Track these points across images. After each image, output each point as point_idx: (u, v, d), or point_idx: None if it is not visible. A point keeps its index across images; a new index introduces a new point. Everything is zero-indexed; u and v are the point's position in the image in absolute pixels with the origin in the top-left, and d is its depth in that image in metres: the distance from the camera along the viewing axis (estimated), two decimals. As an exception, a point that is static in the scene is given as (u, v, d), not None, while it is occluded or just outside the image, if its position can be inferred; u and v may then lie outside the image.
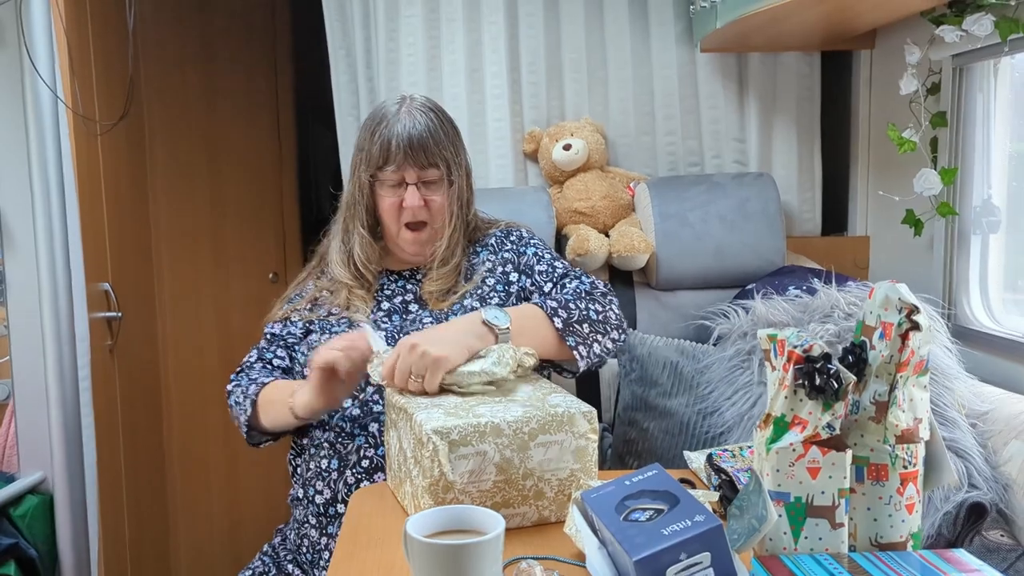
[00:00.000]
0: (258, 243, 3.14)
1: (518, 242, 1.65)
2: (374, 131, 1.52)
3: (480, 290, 1.55)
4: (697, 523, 0.94)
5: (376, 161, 1.51)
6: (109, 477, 2.18)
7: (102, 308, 2.22)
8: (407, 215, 1.53)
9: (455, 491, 1.10)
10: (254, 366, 1.57)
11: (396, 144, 1.49)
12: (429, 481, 1.10)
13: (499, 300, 1.55)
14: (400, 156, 1.49)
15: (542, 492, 1.15)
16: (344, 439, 1.46)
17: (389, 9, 2.21)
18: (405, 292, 1.58)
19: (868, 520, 0.96)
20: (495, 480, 1.12)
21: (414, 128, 1.50)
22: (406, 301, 1.57)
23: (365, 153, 1.53)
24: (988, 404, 1.50)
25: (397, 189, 1.53)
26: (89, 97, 2.09)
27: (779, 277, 1.95)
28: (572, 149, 2.15)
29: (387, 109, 1.55)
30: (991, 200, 1.80)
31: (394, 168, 1.51)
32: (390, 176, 1.52)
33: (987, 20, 1.55)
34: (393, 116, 1.52)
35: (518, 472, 1.13)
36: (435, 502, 1.09)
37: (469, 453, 1.10)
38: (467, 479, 1.11)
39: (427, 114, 1.54)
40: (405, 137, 1.49)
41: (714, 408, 1.69)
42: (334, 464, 1.46)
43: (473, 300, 1.53)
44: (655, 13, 2.23)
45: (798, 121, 2.26)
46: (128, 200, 2.54)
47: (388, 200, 1.54)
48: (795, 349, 0.94)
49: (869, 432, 0.96)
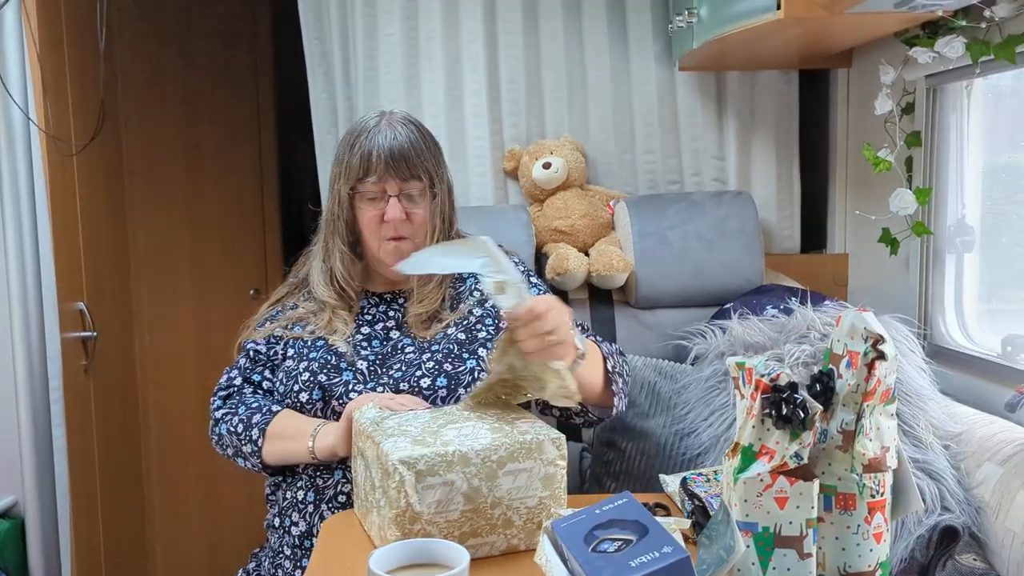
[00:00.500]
0: (239, 260, 3.13)
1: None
2: (353, 143, 1.49)
3: (467, 320, 1.52)
4: (665, 555, 0.93)
5: (356, 173, 1.47)
6: (83, 500, 2.15)
7: (77, 328, 2.20)
8: (388, 229, 1.49)
9: (422, 522, 1.09)
10: (243, 389, 1.52)
11: (377, 155, 1.46)
12: (395, 512, 1.08)
13: (487, 334, 1.51)
14: (381, 167, 1.46)
15: (511, 521, 1.14)
16: (323, 472, 1.42)
17: (368, 28, 2.20)
18: (387, 318, 1.55)
19: (836, 550, 0.96)
20: (463, 510, 1.11)
21: (395, 140, 1.48)
22: (387, 327, 1.53)
23: (344, 166, 1.49)
24: (961, 425, 1.50)
25: (377, 202, 1.49)
26: (64, 118, 2.08)
27: (757, 296, 1.96)
28: (552, 167, 2.15)
29: (366, 123, 1.52)
30: (965, 220, 1.81)
31: (375, 179, 1.47)
32: (371, 188, 1.48)
33: (958, 43, 1.56)
34: (374, 128, 1.49)
35: (486, 501, 1.12)
36: (402, 533, 1.08)
37: (436, 483, 1.09)
38: (434, 509, 1.09)
39: (408, 127, 1.51)
40: (386, 148, 1.46)
41: (691, 429, 1.69)
42: (310, 496, 1.42)
43: (458, 331, 1.50)
44: (634, 32, 2.23)
45: (777, 139, 2.27)
46: (105, 219, 2.52)
47: (368, 213, 1.49)
48: (762, 378, 0.94)
49: (836, 461, 0.96)
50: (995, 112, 1.78)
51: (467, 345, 1.48)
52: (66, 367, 2.03)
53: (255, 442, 1.43)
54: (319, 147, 2.30)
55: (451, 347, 1.47)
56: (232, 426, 1.46)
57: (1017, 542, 1.25)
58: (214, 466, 3.07)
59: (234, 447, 1.46)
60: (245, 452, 1.44)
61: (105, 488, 2.35)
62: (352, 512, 1.33)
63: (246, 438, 1.44)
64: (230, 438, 1.46)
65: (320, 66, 2.28)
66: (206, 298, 3.07)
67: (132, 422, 2.80)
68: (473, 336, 1.50)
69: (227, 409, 1.49)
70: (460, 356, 1.46)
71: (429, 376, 1.43)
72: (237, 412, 1.47)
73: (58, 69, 2.06)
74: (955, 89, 1.78)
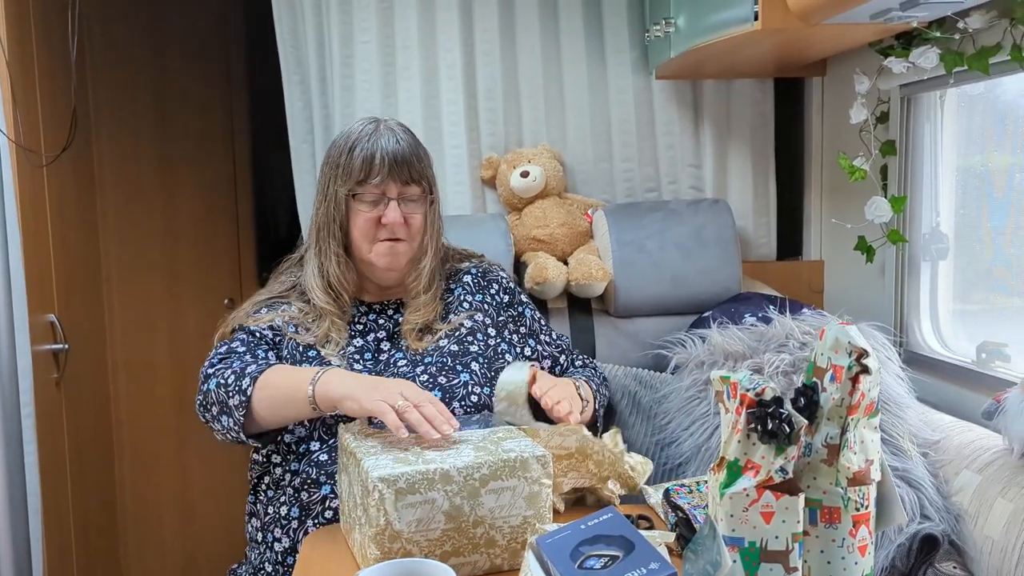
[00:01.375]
0: (213, 269, 3.09)
1: (509, 297, 1.65)
2: (353, 146, 1.47)
3: (458, 332, 1.52)
4: (652, 571, 0.93)
5: (357, 175, 1.46)
6: (55, 516, 2.11)
7: (48, 340, 2.15)
8: (384, 232, 1.48)
9: (402, 540, 1.08)
10: (243, 356, 1.43)
11: (380, 158, 1.46)
12: (375, 530, 1.07)
13: (478, 348, 1.51)
14: (384, 170, 1.46)
15: (494, 540, 1.13)
16: (310, 486, 1.39)
17: (343, 35, 2.19)
18: (377, 327, 1.53)
19: (822, 563, 0.96)
20: (444, 528, 1.10)
21: (398, 145, 1.48)
22: (378, 339, 1.52)
23: (343, 168, 1.47)
24: (939, 433, 1.51)
25: (375, 205, 1.48)
26: (34, 129, 2.04)
27: (735, 304, 1.96)
28: (530, 176, 2.14)
29: (363, 128, 1.51)
30: (939, 228, 1.83)
31: (377, 181, 1.46)
32: (371, 191, 1.47)
33: (932, 53, 1.58)
34: (373, 133, 1.49)
35: (468, 520, 1.11)
36: (381, 552, 1.07)
37: (417, 501, 1.08)
38: (414, 528, 1.08)
39: (407, 134, 1.53)
40: (390, 152, 1.46)
41: (672, 439, 1.69)
42: (295, 512, 1.39)
43: (451, 343, 1.50)
44: (611, 40, 2.24)
45: (753, 147, 2.28)
46: (76, 229, 2.48)
47: (365, 216, 1.47)
48: (747, 392, 0.94)
49: (821, 475, 0.96)
50: (968, 120, 1.81)
51: (460, 357, 1.48)
52: (37, 381, 1.99)
53: (244, 391, 1.32)
54: (295, 156, 2.28)
55: (444, 360, 1.47)
56: (223, 378, 1.36)
57: (996, 549, 1.27)
58: (189, 480, 3.04)
59: (220, 403, 1.35)
60: (231, 405, 1.33)
61: (77, 504, 2.31)
62: (335, 527, 1.31)
63: (235, 389, 1.34)
64: (217, 392, 1.35)
65: (296, 74, 2.26)
66: (180, 308, 3.02)
67: (105, 436, 2.75)
68: (465, 349, 1.50)
69: (221, 365, 1.40)
70: (454, 368, 1.46)
71: (424, 389, 1.42)
72: (231, 366, 1.39)
73: (27, 79, 2.03)
74: (929, 99, 1.80)
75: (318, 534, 1.32)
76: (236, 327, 1.50)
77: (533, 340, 1.64)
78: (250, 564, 1.48)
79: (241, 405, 1.33)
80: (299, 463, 1.42)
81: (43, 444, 2.00)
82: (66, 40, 2.03)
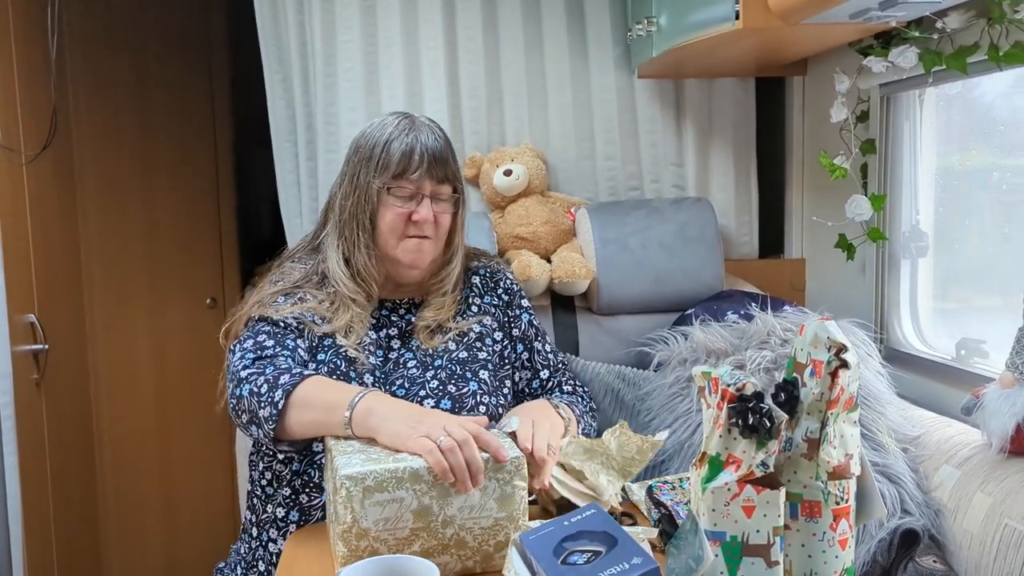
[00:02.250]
0: (195, 268, 3.07)
1: (509, 298, 1.62)
2: (390, 140, 1.44)
3: (467, 337, 1.51)
4: (635, 565, 0.94)
5: (394, 168, 1.43)
6: (36, 518, 2.09)
7: (28, 341, 2.14)
8: (414, 229, 1.45)
9: (369, 539, 1.08)
10: (275, 354, 1.35)
11: (420, 153, 1.43)
12: (342, 528, 1.08)
13: (486, 355, 1.50)
14: (424, 166, 1.43)
15: (464, 541, 1.12)
16: (311, 490, 1.37)
17: (326, 34, 2.18)
18: (390, 325, 1.51)
19: (803, 557, 0.97)
20: (413, 527, 1.10)
21: (436, 142, 1.45)
22: (390, 336, 1.50)
23: (378, 161, 1.43)
24: (919, 428, 1.53)
25: (408, 201, 1.45)
26: (13, 127, 2.03)
27: (718, 302, 1.97)
28: (513, 175, 2.15)
29: (399, 122, 1.47)
30: (919, 226, 1.85)
31: (415, 177, 1.43)
32: (407, 185, 1.44)
33: (911, 53, 1.60)
34: (411, 128, 1.45)
35: (437, 520, 1.10)
36: (347, 549, 1.07)
37: (384, 500, 1.08)
38: (382, 527, 1.08)
39: (441, 132, 1.50)
40: (429, 148, 1.44)
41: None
42: (293, 516, 1.37)
43: (460, 349, 1.49)
44: (593, 39, 2.24)
45: (734, 145, 2.29)
46: (56, 229, 2.46)
47: (397, 210, 1.44)
48: (728, 388, 0.95)
49: (802, 469, 0.97)
50: (947, 119, 1.83)
51: (469, 364, 1.47)
52: (17, 382, 1.98)
53: (275, 404, 1.24)
54: (277, 154, 2.27)
55: (453, 367, 1.45)
56: (256, 386, 1.27)
57: (975, 543, 1.28)
58: (171, 481, 3.02)
59: (250, 412, 1.27)
60: (262, 417, 1.25)
61: (58, 505, 2.29)
62: (321, 526, 1.31)
63: (267, 400, 1.25)
64: (250, 400, 1.27)
65: (278, 72, 2.25)
66: (162, 308, 3.01)
67: (86, 437, 2.73)
68: (474, 356, 1.49)
69: (255, 369, 1.31)
70: (464, 376, 1.45)
71: (433, 397, 1.41)
72: (264, 372, 1.29)
73: (6, 76, 2.01)
74: (908, 97, 1.82)
75: (302, 533, 1.32)
76: (256, 317, 1.42)
77: (521, 345, 1.61)
78: (240, 557, 1.45)
79: (271, 418, 1.24)
80: (300, 463, 1.39)
81: (23, 446, 1.98)
82: (45, 37, 2.01)
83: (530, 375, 1.60)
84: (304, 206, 2.25)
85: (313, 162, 2.24)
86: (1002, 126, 1.70)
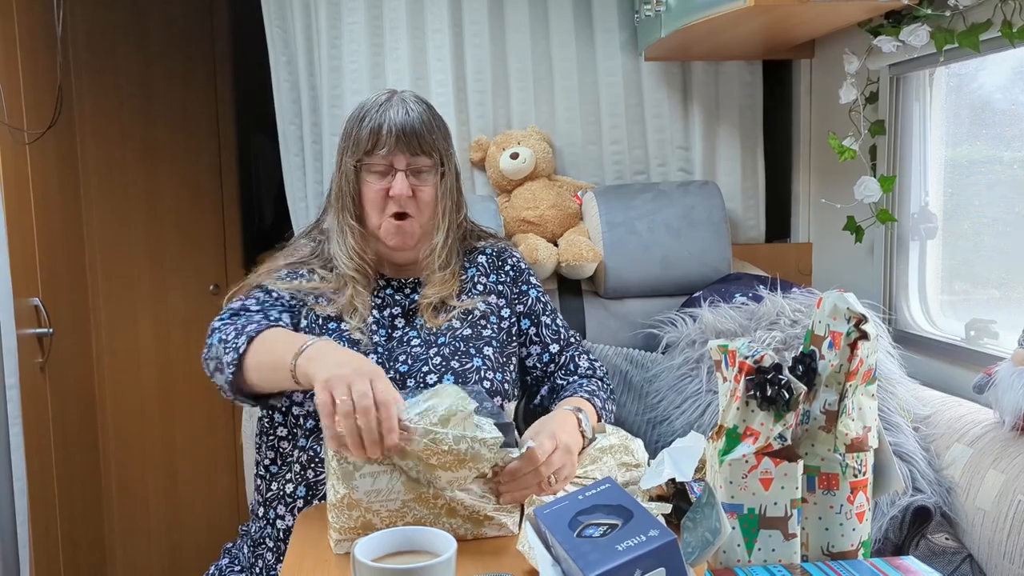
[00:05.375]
0: (198, 253, 3.06)
1: (515, 275, 1.61)
2: (363, 117, 1.45)
3: (471, 315, 1.50)
4: (651, 538, 0.93)
5: (364, 145, 1.43)
6: (40, 500, 2.09)
7: (32, 324, 2.13)
8: (392, 205, 1.44)
9: (361, 509, 1.09)
10: (254, 315, 1.37)
11: (388, 128, 1.42)
12: (335, 499, 1.09)
13: (491, 332, 1.49)
14: (392, 140, 1.42)
15: (454, 510, 1.13)
16: (317, 465, 1.36)
17: (331, 17, 2.17)
18: (394, 304, 1.51)
19: (820, 530, 0.96)
20: (404, 499, 1.11)
21: (407, 116, 1.44)
22: (393, 315, 1.49)
23: (352, 139, 1.45)
24: (929, 408, 1.52)
25: (384, 176, 1.45)
26: (16, 106, 2.01)
27: (725, 284, 1.97)
28: (519, 158, 2.14)
29: (376, 99, 1.48)
30: (928, 207, 1.85)
31: (384, 152, 1.43)
32: (378, 161, 1.44)
33: (923, 31, 1.59)
34: (385, 103, 1.45)
35: (428, 491, 1.11)
36: (340, 520, 1.09)
37: (375, 471, 1.09)
38: (373, 498, 1.09)
39: (420, 104, 1.48)
40: (398, 123, 1.43)
41: (664, 417, 1.69)
42: (300, 491, 1.37)
43: (464, 327, 1.48)
44: (600, 22, 2.23)
45: (741, 129, 2.28)
46: (59, 211, 2.45)
47: (374, 187, 1.44)
48: (746, 360, 0.94)
49: (819, 441, 0.96)
50: (957, 100, 1.82)
51: (473, 341, 1.46)
52: (22, 365, 1.97)
53: (238, 349, 1.26)
54: (282, 138, 2.26)
55: (457, 344, 1.45)
56: (225, 334, 1.31)
57: (987, 520, 1.28)
58: (175, 465, 3.02)
59: (216, 359, 1.29)
60: (225, 362, 1.27)
61: (63, 488, 2.29)
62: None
63: (232, 346, 1.27)
64: (218, 347, 1.29)
65: (283, 55, 2.23)
66: (165, 293, 3.00)
67: (89, 420, 2.73)
68: (479, 333, 1.48)
69: (229, 321, 1.35)
70: (467, 352, 1.44)
71: (436, 373, 1.41)
72: (236, 324, 1.33)
73: (10, 55, 1.99)
74: (918, 78, 1.81)
75: (312, 511, 1.31)
76: (255, 284, 1.44)
77: (528, 320, 1.60)
78: (249, 537, 1.45)
79: (232, 363, 1.26)
80: (307, 440, 1.39)
81: (28, 429, 1.97)
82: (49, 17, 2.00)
83: (539, 349, 1.59)
84: (309, 189, 2.25)
85: (318, 145, 2.23)
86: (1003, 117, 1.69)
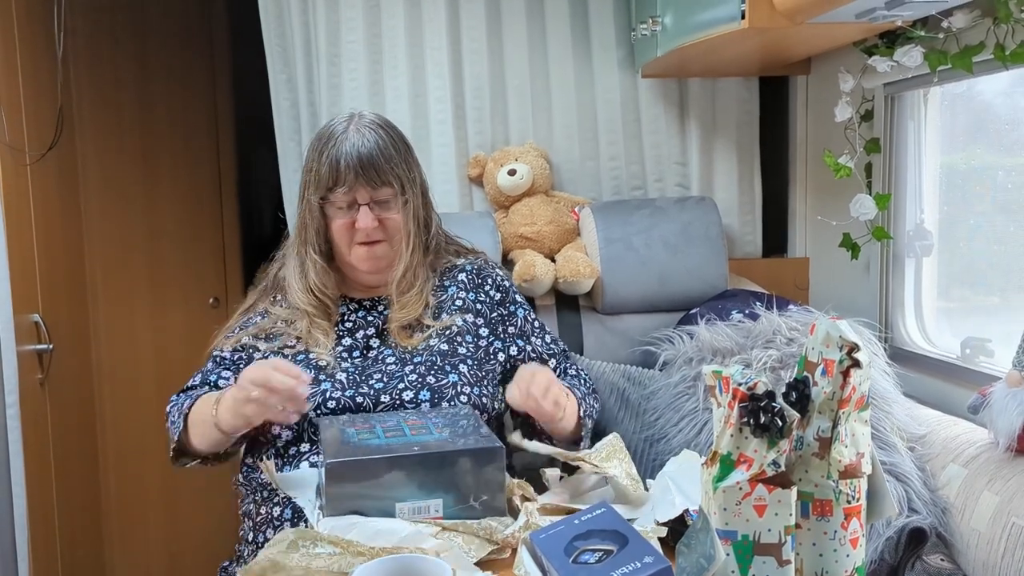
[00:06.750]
0: (198, 268, 3.07)
1: (501, 296, 1.62)
2: (322, 151, 1.46)
3: (448, 332, 1.51)
4: (647, 564, 0.94)
5: (325, 182, 1.44)
6: (40, 516, 2.09)
7: (32, 340, 2.14)
8: (360, 236, 1.47)
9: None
10: (197, 388, 1.48)
11: (345, 163, 1.43)
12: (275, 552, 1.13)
13: (467, 351, 1.50)
14: (351, 176, 1.43)
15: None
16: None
17: (330, 35, 2.18)
18: (367, 324, 1.52)
19: (814, 556, 0.97)
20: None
21: (363, 146, 1.44)
22: (367, 335, 1.51)
23: (313, 174, 1.46)
24: (925, 427, 1.53)
25: (348, 210, 1.46)
26: (17, 126, 2.02)
27: (722, 301, 1.98)
28: (517, 174, 2.15)
29: (334, 127, 1.48)
30: (923, 224, 1.85)
31: (345, 189, 1.44)
32: (340, 197, 1.45)
33: (917, 52, 1.60)
34: (341, 134, 1.46)
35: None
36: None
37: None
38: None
39: (376, 131, 1.48)
40: (355, 156, 1.43)
41: (661, 435, 1.70)
42: (287, 514, 1.37)
43: (440, 342, 1.49)
44: (597, 39, 2.25)
45: (738, 145, 2.30)
46: (60, 229, 2.46)
47: (339, 221, 1.47)
48: (740, 387, 0.95)
49: (813, 468, 0.97)
50: (951, 118, 1.83)
51: (449, 358, 1.47)
52: (22, 381, 1.98)
53: (177, 424, 1.40)
54: (282, 154, 2.27)
55: (433, 359, 1.46)
56: (173, 417, 1.44)
57: (982, 542, 1.28)
58: (174, 481, 3.01)
59: (169, 437, 1.43)
60: (173, 439, 1.42)
61: (62, 504, 2.29)
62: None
63: (176, 428, 1.41)
64: (171, 430, 1.43)
65: (282, 72, 2.25)
66: (164, 308, 3.00)
67: (89, 436, 2.73)
68: (454, 349, 1.48)
69: (174, 403, 1.47)
70: (443, 369, 1.45)
71: (412, 389, 1.42)
72: (178, 403, 1.45)
73: (10, 76, 2.01)
74: (913, 97, 1.82)
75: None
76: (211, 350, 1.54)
77: (522, 340, 1.61)
78: (244, 561, 1.46)
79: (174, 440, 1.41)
80: (290, 466, 1.40)
81: (28, 445, 1.98)
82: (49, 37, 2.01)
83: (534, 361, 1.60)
84: (308, 206, 2.25)
85: (317, 162, 2.24)
86: (1007, 125, 1.70)
